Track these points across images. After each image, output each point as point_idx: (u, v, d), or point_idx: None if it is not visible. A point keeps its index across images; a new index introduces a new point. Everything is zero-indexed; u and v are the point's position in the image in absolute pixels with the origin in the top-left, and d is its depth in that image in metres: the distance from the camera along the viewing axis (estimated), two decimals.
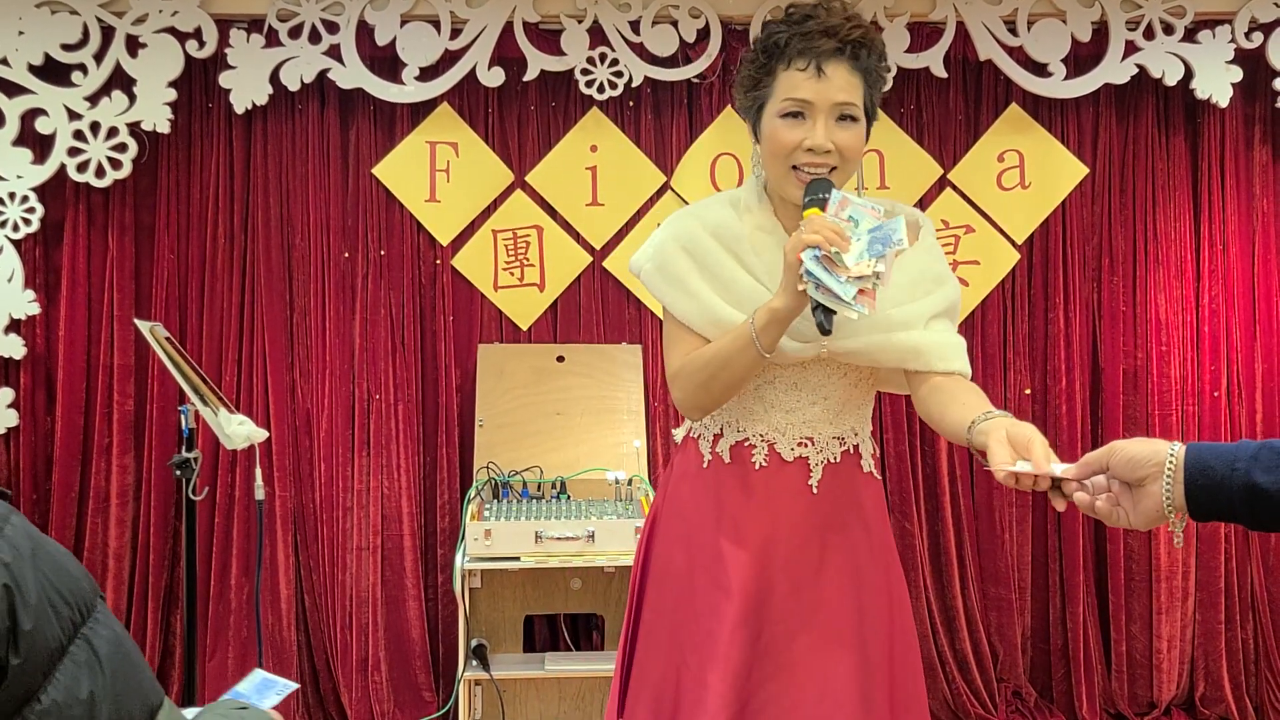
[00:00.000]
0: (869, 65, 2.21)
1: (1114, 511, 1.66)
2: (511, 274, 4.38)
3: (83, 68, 4.14)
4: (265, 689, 1.82)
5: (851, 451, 2.30)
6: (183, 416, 3.15)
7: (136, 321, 3.29)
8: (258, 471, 3.28)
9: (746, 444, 2.28)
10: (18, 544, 1.24)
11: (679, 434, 2.44)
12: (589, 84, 4.26)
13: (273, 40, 4.19)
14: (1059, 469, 1.75)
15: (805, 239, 2.03)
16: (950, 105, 4.45)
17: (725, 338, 2.19)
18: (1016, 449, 1.84)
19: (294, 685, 1.78)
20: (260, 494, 3.31)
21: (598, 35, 4.25)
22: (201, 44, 4.17)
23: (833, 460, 2.28)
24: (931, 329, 2.24)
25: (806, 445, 2.27)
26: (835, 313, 2.03)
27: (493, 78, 4.24)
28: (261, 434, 3.03)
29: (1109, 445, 1.67)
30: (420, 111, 4.33)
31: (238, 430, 2.95)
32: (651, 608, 2.35)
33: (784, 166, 2.21)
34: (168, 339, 3.07)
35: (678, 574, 2.30)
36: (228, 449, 3.59)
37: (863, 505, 2.30)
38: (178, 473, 3.04)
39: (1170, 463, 1.58)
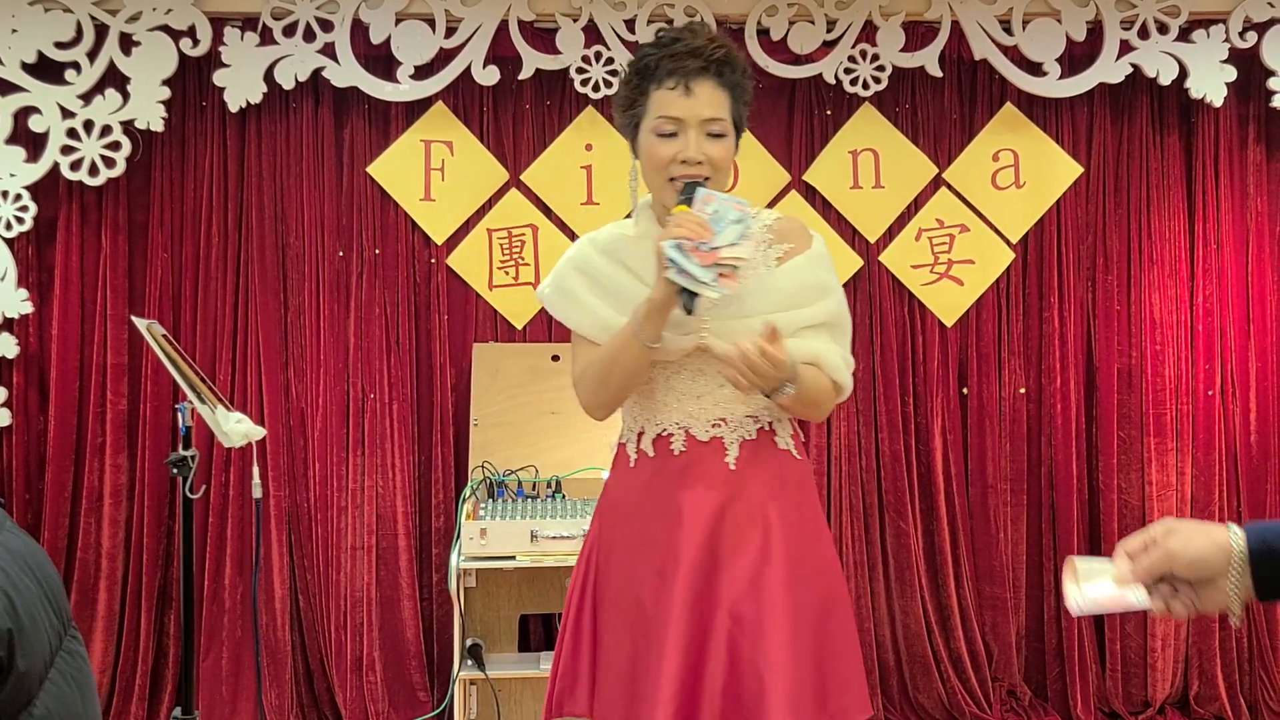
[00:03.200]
0: (734, 81, 2.37)
1: (1187, 607, 1.60)
2: (506, 273, 4.38)
3: (76, 66, 4.13)
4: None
5: (767, 428, 2.40)
6: (179, 414, 3.13)
7: (133, 319, 3.28)
8: (255, 470, 3.26)
9: (665, 434, 2.41)
10: (15, 549, 1.26)
11: (612, 446, 2.58)
12: (584, 83, 4.26)
13: (267, 38, 4.18)
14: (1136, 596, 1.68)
15: (670, 232, 2.24)
16: (945, 104, 4.45)
17: (615, 336, 2.37)
18: None
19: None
20: (258, 492, 3.29)
21: (593, 34, 4.24)
22: (195, 42, 4.16)
23: (748, 437, 2.38)
24: (804, 336, 2.35)
25: (720, 425, 2.38)
26: (697, 295, 2.22)
27: (488, 76, 4.23)
28: (259, 431, 3.02)
29: (1164, 550, 1.57)
30: (415, 110, 4.33)
31: (235, 428, 2.94)
32: (604, 606, 2.45)
33: (662, 179, 2.39)
34: (165, 336, 3.06)
35: (620, 567, 2.42)
36: (224, 447, 3.58)
37: (783, 480, 2.38)
38: (174, 471, 3.02)
39: (1236, 558, 1.54)
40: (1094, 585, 1.66)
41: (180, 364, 3.02)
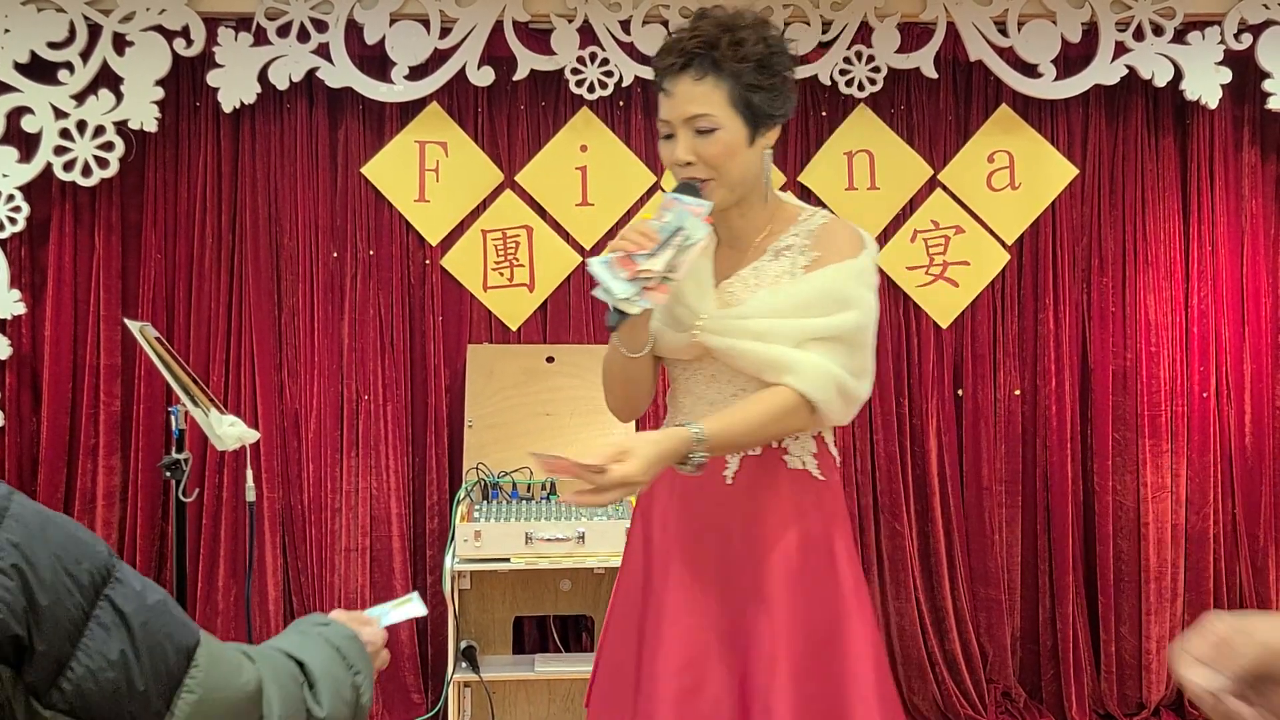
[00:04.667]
0: (729, 68, 2.17)
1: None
2: (501, 274, 4.37)
3: (69, 66, 4.11)
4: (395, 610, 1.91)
5: (776, 445, 2.26)
6: (172, 417, 3.11)
7: (126, 321, 3.27)
8: (249, 473, 3.25)
9: None
10: (27, 521, 1.25)
11: None
12: (579, 84, 4.25)
13: (261, 39, 4.17)
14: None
15: (613, 244, 2.13)
16: (940, 106, 4.45)
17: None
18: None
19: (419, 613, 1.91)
20: (251, 495, 3.28)
21: (588, 35, 4.24)
22: (189, 42, 4.14)
23: (752, 453, 2.25)
24: (807, 349, 2.19)
25: None
26: (635, 313, 2.12)
27: (482, 77, 4.22)
28: (253, 435, 3.01)
29: (1259, 643, 1.32)
30: (409, 111, 4.32)
31: (229, 431, 2.93)
32: (613, 601, 2.43)
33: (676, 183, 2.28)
34: (158, 339, 3.05)
35: (631, 567, 2.38)
36: (217, 450, 3.56)
37: (784, 500, 2.25)
38: (168, 474, 3.01)
39: None
40: None
41: (173, 366, 3.01)
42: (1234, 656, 1.31)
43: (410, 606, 1.90)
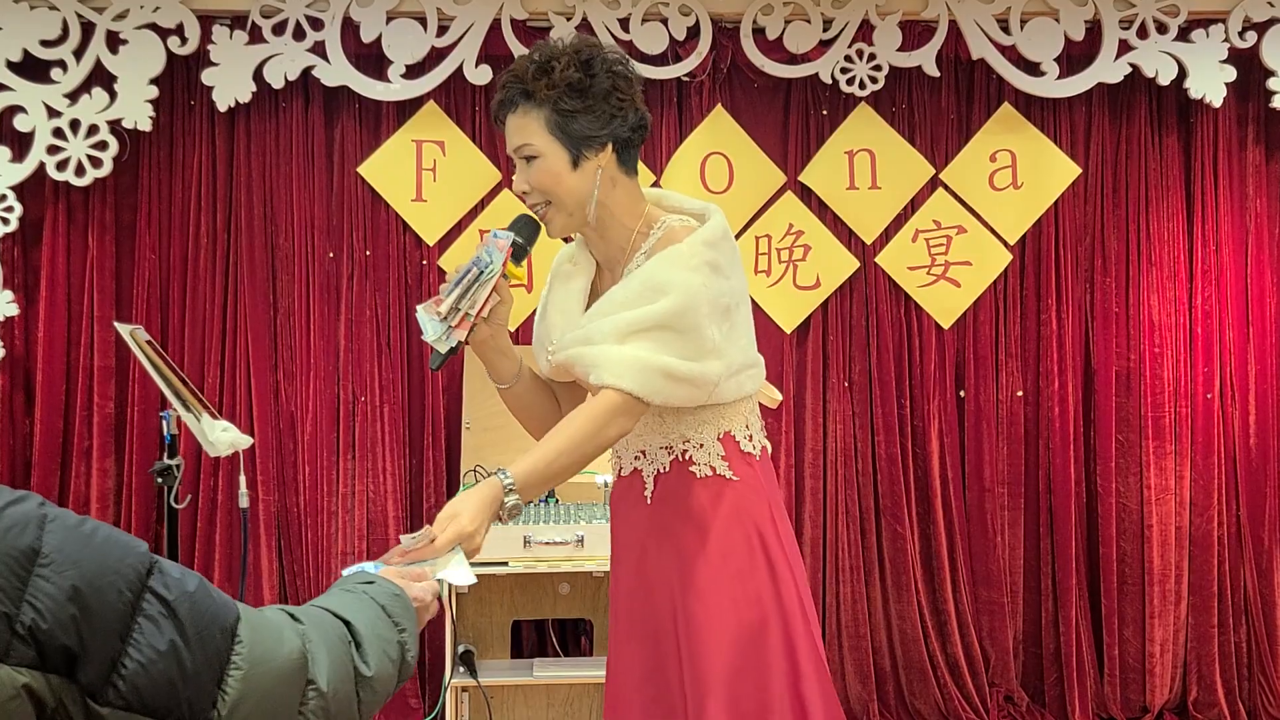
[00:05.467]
0: (540, 96, 2.22)
1: None
2: None
3: (62, 64, 4.07)
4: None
5: (681, 459, 2.30)
6: (164, 422, 3.08)
7: (117, 325, 3.23)
8: (242, 479, 3.22)
9: (616, 459, 2.42)
10: (69, 524, 1.27)
11: None
12: None
13: (256, 37, 4.13)
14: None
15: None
16: (942, 104, 4.41)
17: None
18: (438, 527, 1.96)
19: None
20: (244, 502, 3.25)
21: (586, 33, 4.20)
22: (184, 40, 4.10)
23: (663, 470, 2.32)
24: (629, 343, 2.17)
25: (640, 458, 2.34)
26: (444, 352, 2.23)
27: (480, 75, 4.19)
28: (246, 440, 2.97)
29: None
30: (406, 110, 4.28)
31: (221, 437, 2.89)
32: None
33: None
34: (149, 342, 3.00)
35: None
36: (210, 456, 3.54)
37: (697, 510, 2.29)
38: (159, 480, 2.97)
39: None
40: None
41: (165, 371, 2.97)
42: None
43: (463, 571, 1.92)
